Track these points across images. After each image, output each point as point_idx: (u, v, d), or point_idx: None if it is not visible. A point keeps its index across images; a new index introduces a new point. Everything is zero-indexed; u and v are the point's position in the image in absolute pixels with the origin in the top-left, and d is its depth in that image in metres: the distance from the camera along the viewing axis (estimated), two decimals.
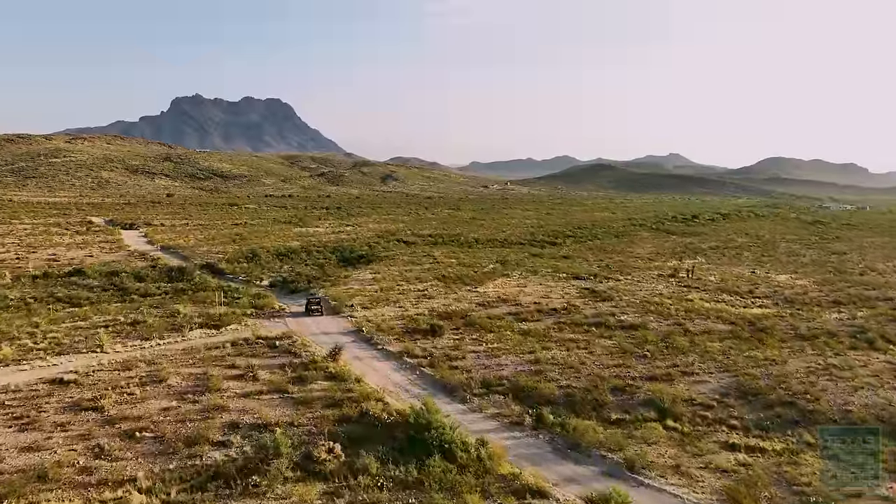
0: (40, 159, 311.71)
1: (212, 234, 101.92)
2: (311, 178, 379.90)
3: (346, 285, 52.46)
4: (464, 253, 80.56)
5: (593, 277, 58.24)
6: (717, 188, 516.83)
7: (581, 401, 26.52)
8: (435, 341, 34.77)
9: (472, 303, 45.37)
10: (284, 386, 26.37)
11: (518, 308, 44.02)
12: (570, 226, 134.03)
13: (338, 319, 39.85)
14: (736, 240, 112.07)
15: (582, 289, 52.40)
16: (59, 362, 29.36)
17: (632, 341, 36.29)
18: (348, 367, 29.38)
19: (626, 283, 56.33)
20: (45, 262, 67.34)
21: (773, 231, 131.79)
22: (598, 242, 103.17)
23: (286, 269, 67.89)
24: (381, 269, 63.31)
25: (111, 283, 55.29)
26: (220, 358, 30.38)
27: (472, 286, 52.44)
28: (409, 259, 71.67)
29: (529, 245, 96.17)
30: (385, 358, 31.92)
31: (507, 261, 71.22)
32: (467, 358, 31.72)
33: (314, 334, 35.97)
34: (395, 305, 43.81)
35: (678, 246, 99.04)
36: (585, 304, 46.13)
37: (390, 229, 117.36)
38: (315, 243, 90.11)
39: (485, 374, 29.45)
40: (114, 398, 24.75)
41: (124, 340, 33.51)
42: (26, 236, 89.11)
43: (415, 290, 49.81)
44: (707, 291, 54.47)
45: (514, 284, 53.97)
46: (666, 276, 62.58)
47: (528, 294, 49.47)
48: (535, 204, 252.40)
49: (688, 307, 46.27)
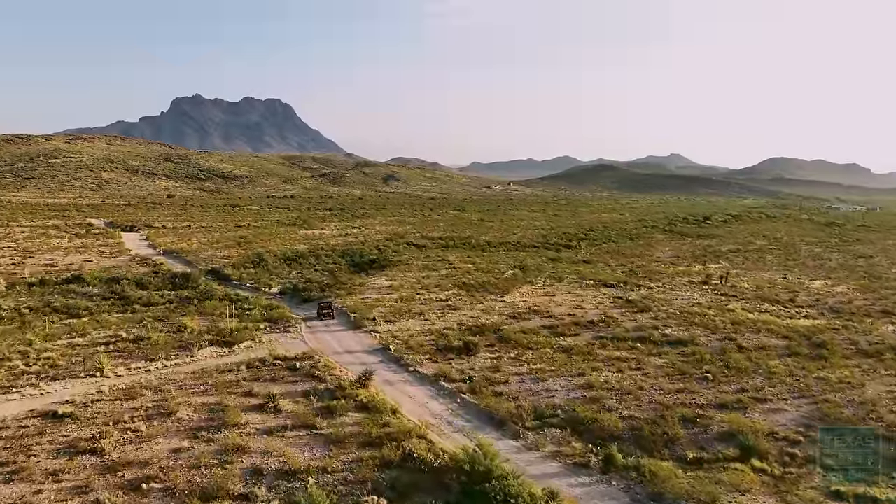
0: (40, 160, 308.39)
1: (215, 236, 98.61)
2: (313, 179, 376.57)
3: (363, 294, 49.08)
4: (479, 257, 77.26)
5: (623, 285, 54.87)
6: (721, 189, 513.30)
7: (649, 435, 23.17)
8: (471, 361, 31.40)
9: (501, 314, 41.97)
10: (311, 419, 22.95)
11: (552, 321, 40.66)
12: (581, 228, 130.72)
13: (360, 335, 36.40)
14: (754, 242, 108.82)
15: (614, 298, 49.04)
16: (54, 389, 25.96)
17: (685, 359, 32.97)
18: (381, 394, 25.99)
19: (659, 292, 52.98)
20: (42, 267, 63.99)
21: (790, 233, 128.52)
22: (614, 245, 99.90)
23: (295, 275, 64.59)
24: (397, 275, 59.95)
25: (111, 292, 51.92)
26: (234, 383, 26.97)
27: (498, 295, 49.06)
28: (423, 264, 68.32)
29: (544, 248, 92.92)
30: (419, 382, 28.50)
31: (527, 266, 67.84)
32: (511, 382, 28.33)
33: (337, 353, 32.56)
34: (419, 318, 40.38)
35: (696, 249, 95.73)
36: (623, 316, 42.77)
37: (398, 232, 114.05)
38: (322, 247, 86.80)
39: (534, 401, 26.09)
40: (115, 437, 21.34)
41: (126, 361, 30.08)
42: (23, 239, 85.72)
43: (437, 300, 46.43)
44: (746, 300, 51.16)
45: (542, 293, 50.59)
46: (698, 283, 59.23)
47: (559, 304, 46.09)
48: (540, 205, 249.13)
49: (732, 319, 42.94)
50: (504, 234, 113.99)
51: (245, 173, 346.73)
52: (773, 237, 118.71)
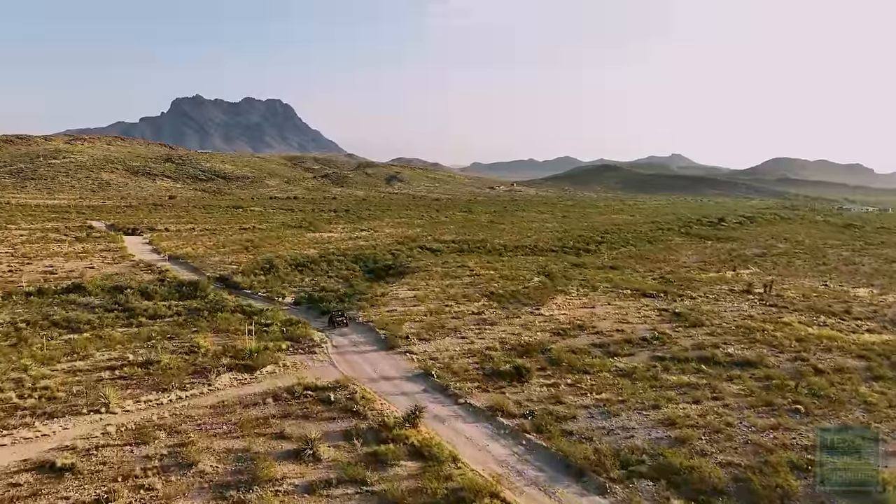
0: (39, 160, 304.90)
1: (221, 240, 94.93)
2: (315, 180, 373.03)
3: (388, 307, 45.31)
4: (499, 262, 73.55)
5: (663, 295, 51.12)
6: (726, 189, 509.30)
7: (760, 489, 19.45)
8: (525, 389, 27.65)
9: (544, 331, 38.19)
10: (359, 472, 19.14)
11: (601, 338, 36.92)
12: (595, 230, 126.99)
13: (394, 357, 32.56)
14: (777, 245, 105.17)
15: (659, 310, 45.29)
16: (52, 430, 22.19)
17: (762, 385, 29.25)
18: (433, 435, 22.23)
19: (704, 302, 49.23)
20: (40, 275, 60.29)
21: (810, 236, 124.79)
22: (634, 249, 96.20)
23: (308, 283, 60.98)
24: (419, 283, 56.22)
25: (115, 302, 48.21)
26: (262, 421, 23.19)
27: (533, 307, 45.30)
28: (443, 271, 64.57)
29: (562, 252, 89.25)
30: (473, 418, 24.68)
31: (552, 273, 64.13)
32: (578, 417, 24.56)
33: (372, 380, 28.74)
34: (455, 335, 36.59)
35: (721, 253, 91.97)
36: (675, 332, 39.03)
37: (409, 235, 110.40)
38: (333, 251, 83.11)
39: (612, 443, 22.37)
40: (126, 498, 17.62)
41: (135, 392, 26.26)
42: (21, 244, 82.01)
43: (469, 313, 42.66)
44: (798, 311, 47.44)
45: (580, 304, 46.84)
46: (739, 291, 55.52)
47: (602, 318, 42.35)
48: (547, 206, 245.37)
49: (794, 334, 39.19)
50: (517, 236, 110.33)
51: (247, 174, 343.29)
52: (794, 240, 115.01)
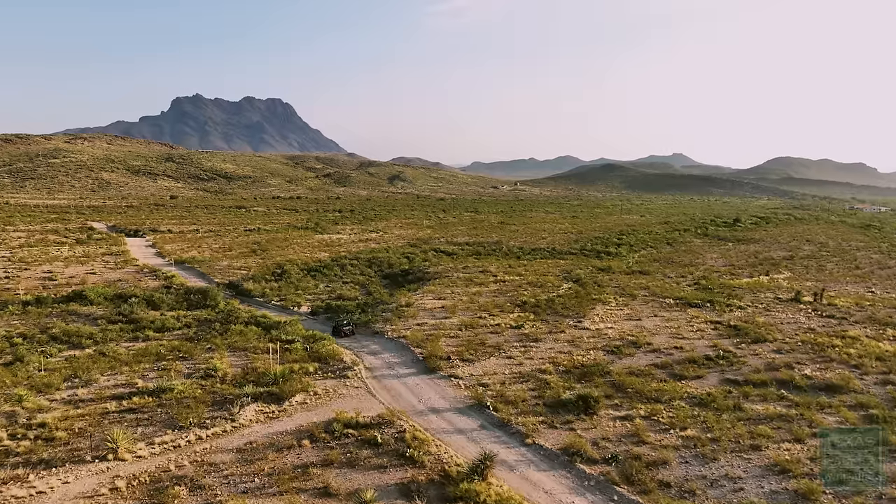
0: (39, 160, 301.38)
1: (226, 242, 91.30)
2: (317, 179, 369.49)
3: (416, 318, 41.54)
4: (521, 267, 69.87)
5: (710, 304, 47.38)
6: (731, 189, 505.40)
7: None
8: (596, 424, 23.89)
9: (594, 348, 34.45)
10: None
11: (660, 356, 33.20)
12: (610, 231, 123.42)
13: (438, 383, 28.66)
14: (801, 248, 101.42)
15: (712, 322, 41.55)
16: (49, 485, 18.42)
17: (859, 415, 25.61)
18: (508, 490, 18.49)
19: (755, 313, 45.51)
20: (38, 281, 56.64)
21: (830, 237, 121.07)
22: (655, 252, 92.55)
23: (322, 289, 57.38)
24: (443, 291, 52.52)
25: (119, 313, 44.54)
26: (301, 472, 19.40)
27: (574, 319, 41.57)
28: (465, 277, 60.86)
29: (582, 255, 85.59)
30: (547, 464, 20.86)
31: (582, 279, 60.45)
32: (671, 463, 20.85)
33: (420, 413, 24.90)
34: (499, 355, 32.79)
35: (746, 256, 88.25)
36: (738, 348, 35.33)
37: (420, 236, 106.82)
38: (345, 254, 79.51)
39: (720, 498, 18.69)
40: None
41: (147, 431, 22.50)
42: (20, 247, 78.35)
43: (507, 327, 38.93)
44: (859, 323, 43.75)
45: (623, 316, 43.12)
46: (787, 300, 51.84)
47: (651, 332, 38.63)
48: (554, 206, 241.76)
49: (870, 352, 35.52)
50: (532, 238, 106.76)
51: (248, 173, 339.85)
52: (816, 242, 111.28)
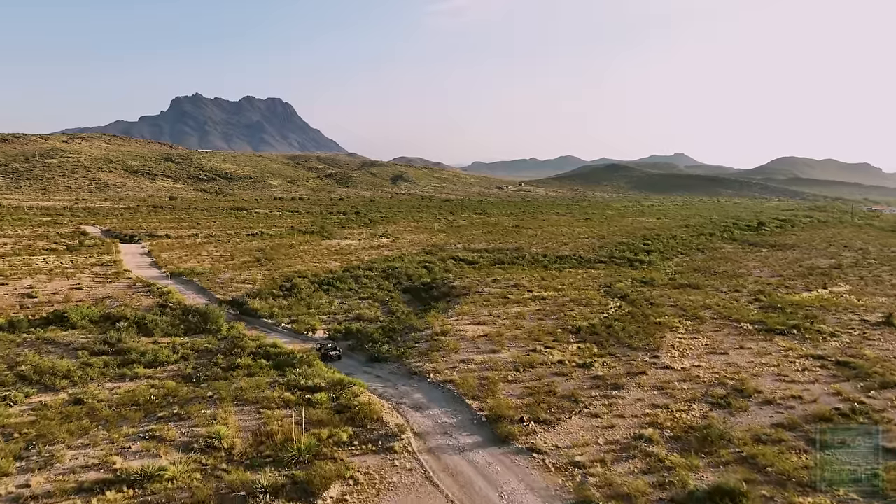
0: (35, 160, 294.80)
1: (228, 249, 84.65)
2: (319, 179, 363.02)
3: (457, 353, 34.79)
4: (554, 279, 63.20)
5: (796, 331, 40.62)
6: (739, 189, 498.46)
7: None
8: None
9: (693, 399, 27.59)
10: None
11: (781, 411, 26.24)
12: (632, 236, 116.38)
13: (517, 461, 21.24)
14: (842, 254, 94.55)
15: (811, 357, 34.72)
16: None
17: None
18: None
19: (853, 341, 38.77)
20: (16, 299, 49.95)
21: (868, 241, 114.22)
22: (688, 260, 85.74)
23: (337, 307, 50.75)
24: (479, 312, 45.78)
25: (104, 341, 37.85)
26: None
27: (647, 353, 34.81)
28: (498, 292, 54.18)
29: (612, 263, 78.72)
30: None
31: (627, 295, 53.75)
32: None
33: None
34: (580, 412, 25.54)
35: (790, 265, 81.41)
36: (869, 398, 28.40)
37: (433, 242, 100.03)
38: (357, 264, 72.87)
39: None
40: None
41: None
42: (2, 256, 71.74)
43: (572, 365, 32.15)
44: None
45: (703, 348, 36.28)
46: (875, 322, 45.17)
47: (748, 371, 31.82)
48: (563, 207, 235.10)
49: None
50: (553, 244, 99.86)
51: (249, 174, 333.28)
52: (854, 247, 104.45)
